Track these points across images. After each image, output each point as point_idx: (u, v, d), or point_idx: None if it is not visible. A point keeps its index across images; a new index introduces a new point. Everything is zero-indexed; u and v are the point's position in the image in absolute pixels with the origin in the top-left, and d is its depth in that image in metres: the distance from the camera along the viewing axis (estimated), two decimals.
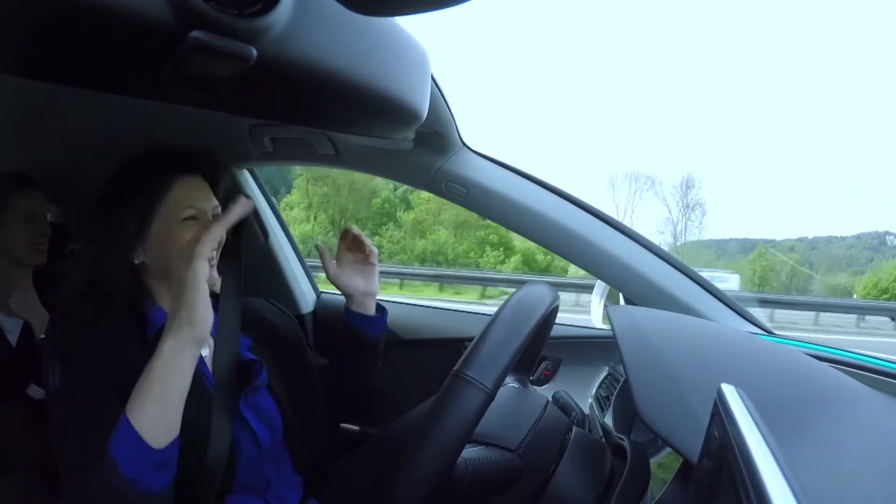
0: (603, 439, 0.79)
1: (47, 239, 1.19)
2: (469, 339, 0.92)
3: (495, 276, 13.74)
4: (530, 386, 0.86)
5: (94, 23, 0.33)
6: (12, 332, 1.16)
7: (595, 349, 1.16)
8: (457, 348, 1.23)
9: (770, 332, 0.98)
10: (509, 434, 0.67)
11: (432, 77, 0.68)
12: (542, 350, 0.87)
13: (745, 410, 0.35)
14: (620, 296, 1.06)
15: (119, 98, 0.45)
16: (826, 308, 11.26)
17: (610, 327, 0.64)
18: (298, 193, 22.27)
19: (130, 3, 0.33)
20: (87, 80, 0.41)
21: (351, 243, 0.90)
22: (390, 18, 0.52)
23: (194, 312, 0.61)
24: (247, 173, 1.39)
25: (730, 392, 0.38)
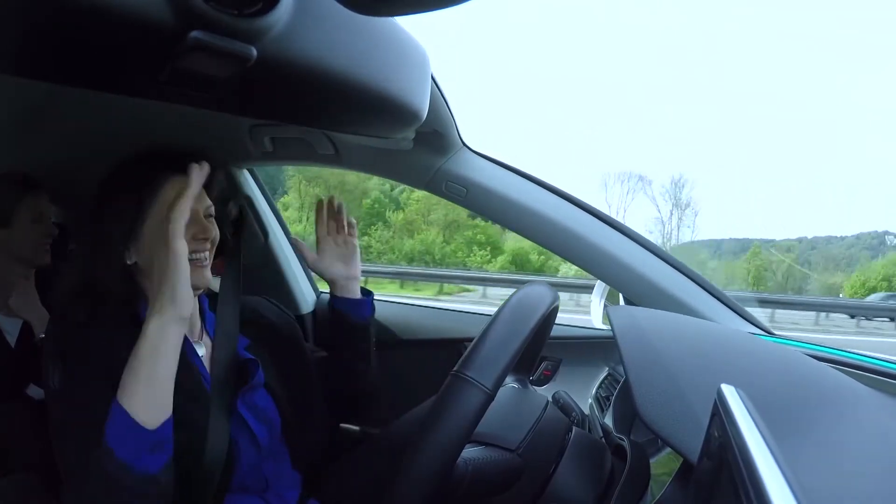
0: (603, 439, 0.79)
1: (52, 239, 1.19)
2: (469, 340, 0.92)
3: (496, 277, 13.72)
4: (530, 386, 0.86)
5: (94, 23, 0.33)
6: (11, 333, 1.16)
7: (595, 349, 1.16)
8: (457, 348, 1.23)
9: (770, 333, 0.98)
10: (509, 434, 0.67)
11: (432, 77, 0.68)
12: (542, 350, 0.87)
13: (745, 411, 0.35)
14: (620, 296, 1.06)
15: (119, 98, 0.45)
16: (826, 308, 11.24)
17: (610, 327, 0.64)
18: (294, 194, 22.34)
19: (130, 3, 0.33)
20: (87, 80, 0.41)
21: (328, 220, 0.91)
22: (390, 18, 0.52)
23: (177, 291, 0.62)
24: (247, 173, 1.39)
25: (730, 392, 0.38)
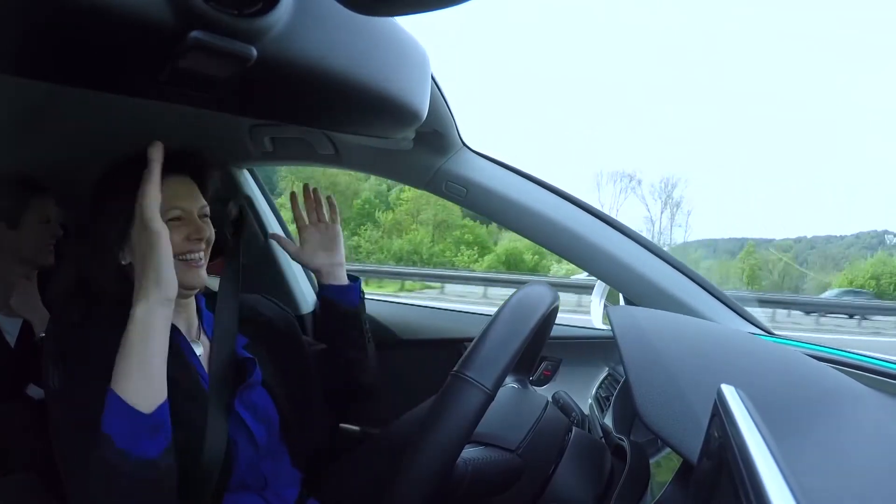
0: (603, 440, 0.79)
1: (56, 240, 1.20)
2: (469, 340, 0.92)
3: (496, 277, 13.72)
4: (530, 386, 0.86)
5: (94, 23, 0.33)
6: (11, 333, 1.16)
7: (595, 349, 1.16)
8: (457, 348, 1.23)
9: (770, 333, 0.98)
10: (509, 434, 0.67)
11: (432, 77, 0.68)
12: (542, 350, 0.87)
13: (745, 411, 0.35)
14: (620, 296, 1.06)
15: (119, 98, 0.45)
16: (827, 308, 11.21)
17: (610, 327, 0.64)
18: (287, 196, 22.67)
19: (130, 3, 0.33)
20: (87, 80, 0.41)
21: (308, 210, 0.92)
22: (390, 18, 0.52)
23: (160, 272, 0.62)
24: (247, 173, 1.39)
25: (730, 392, 0.38)
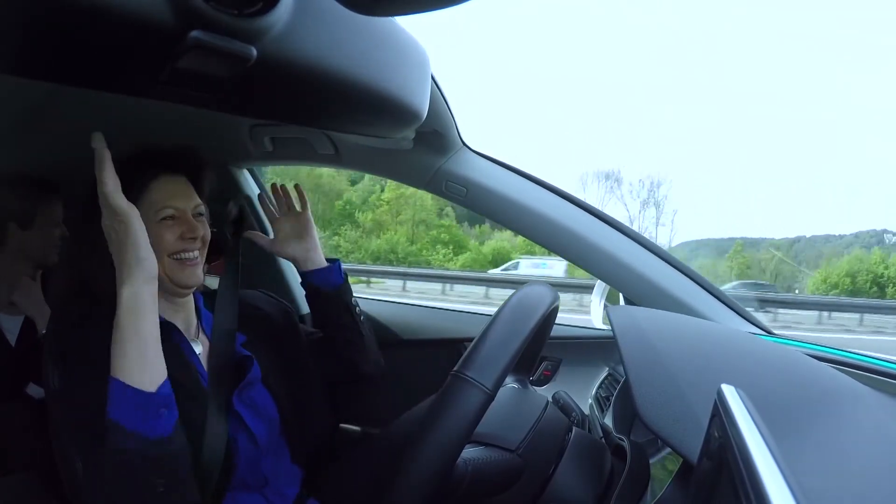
0: (603, 440, 0.79)
1: (62, 240, 1.21)
2: (469, 340, 0.91)
3: (496, 277, 13.72)
4: (530, 386, 0.86)
5: (94, 23, 0.33)
6: (12, 332, 1.16)
7: (595, 349, 1.16)
8: (457, 348, 1.23)
9: (770, 332, 0.98)
10: (509, 434, 0.67)
11: (432, 77, 0.68)
12: (542, 350, 0.87)
13: (745, 411, 0.35)
14: (620, 296, 1.06)
15: (119, 98, 0.45)
16: (826, 307, 11.18)
17: (610, 327, 0.64)
18: None
19: (130, 3, 0.33)
20: (87, 80, 0.41)
21: (278, 204, 0.93)
22: (390, 18, 0.52)
23: (139, 251, 0.63)
24: (247, 173, 1.39)
25: (730, 392, 0.38)
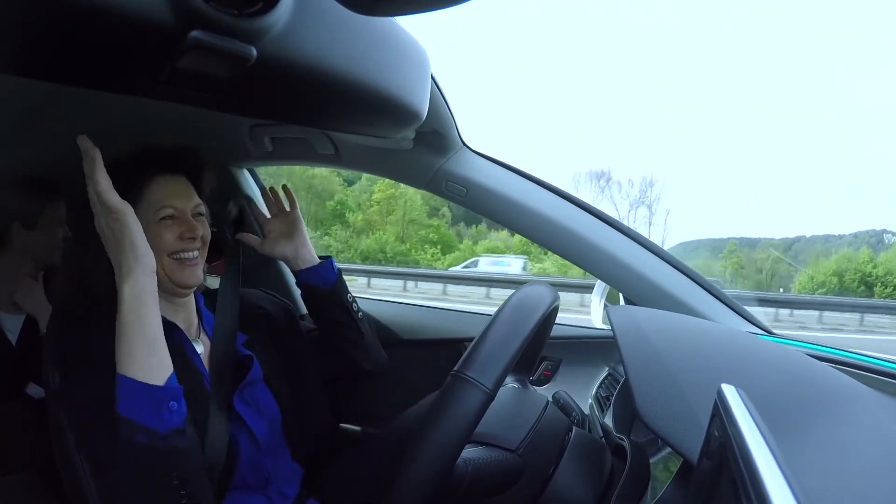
0: (603, 439, 0.79)
1: (65, 240, 1.22)
2: (469, 340, 0.91)
3: (497, 277, 13.72)
4: (530, 386, 0.86)
5: (94, 23, 0.33)
6: (12, 331, 1.16)
7: (595, 349, 1.16)
8: (457, 348, 1.23)
9: (770, 332, 0.98)
10: (509, 434, 0.67)
11: (432, 77, 0.68)
12: (542, 350, 0.87)
13: (745, 410, 0.35)
14: (620, 296, 1.06)
15: (119, 98, 0.45)
16: (827, 307, 11.15)
17: (610, 327, 0.64)
18: None
19: (130, 3, 0.33)
20: (87, 80, 0.41)
21: (268, 204, 0.94)
22: (390, 18, 0.52)
23: (136, 247, 0.63)
24: (247, 173, 1.39)
25: (730, 392, 0.38)
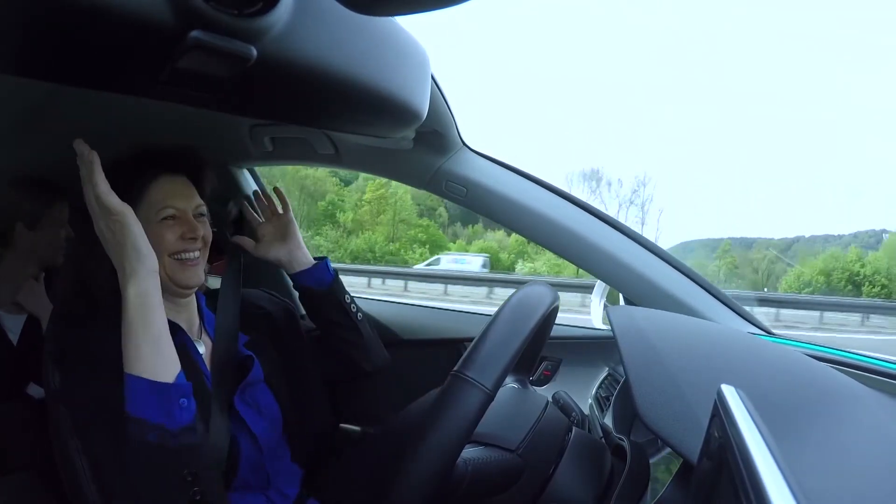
0: (603, 440, 0.79)
1: (68, 241, 1.22)
2: (469, 340, 0.91)
3: (499, 277, 13.73)
4: (530, 386, 0.86)
5: (94, 23, 0.33)
6: (14, 331, 1.16)
7: (595, 349, 1.16)
8: (457, 348, 1.23)
9: (770, 333, 0.98)
10: (509, 434, 0.67)
11: (432, 77, 0.68)
12: (542, 350, 0.87)
13: (745, 411, 0.35)
14: (620, 296, 1.06)
15: (119, 98, 0.45)
16: (827, 307, 11.13)
17: (610, 327, 0.64)
18: None
19: (130, 3, 0.33)
20: (87, 80, 0.41)
21: (261, 208, 0.93)
22: (390, 18, 0.52)
23: (138, 247, 0.63)
24: (247, 173, 1.39)
25: (730, 392, 0.38)
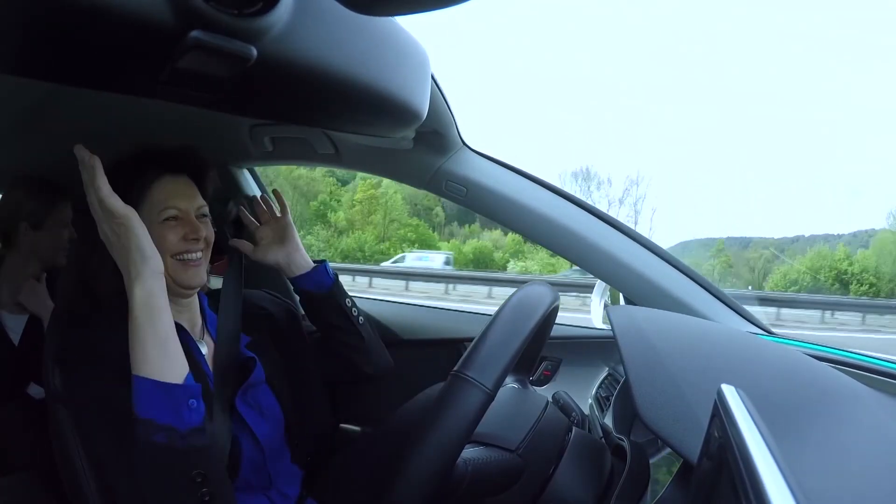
0: (603, 439, 0.79)
1: (71, 242, 1.22)
2: (469, 340, 0.91)
3: (502, 277, 13.76)
4: (530, 386, 0.86)
5: (94, 23, 0.33)
6: (15, 330, 1.16)
7: (595, 349, 1.16)
8: (457, 348, 1.23)
9: (770, 332, 0.98)
10: (509, 434, 0.67)
11: (432, 77, 0.68)
12: (542, 350, 0.87)
13: (745, 411, 0.35)
14: (620, 296, 1.06)
15: (119, 98, 0.45)
16: (828, 306, 11.12)
17: (610, 327, 0.64)
18: None
19: (130, 3, 0.33)
20: (87, 80, 0.41)
21: (259, 211, 0.91)
22: (390, 18, 0.52)
23: (143, 249, 0.63)
24: (247, 173, 1.40)
25: (730, 392, 0.38)
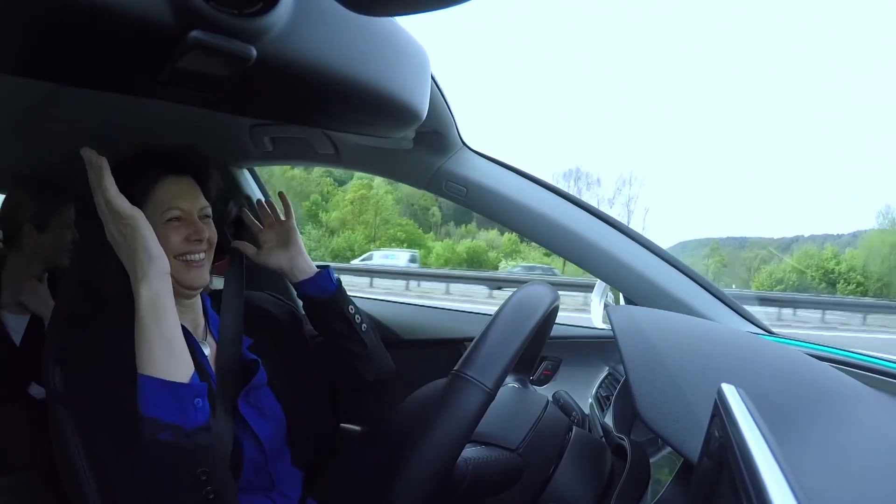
0: (603, 439, 0.79)
1: (73, 243, 1.23)
2: (469, 339, 0.91)
3: (503, 277, 13.77)
4: (530, 386, 0.86)
5: (94, 23, 0.33)
6: (16, 331, 1.16)
7: (595, 349, 1.16)
8: (457, 348, 1.23)
9: (770, 332, 0.98)
10: (509, 434, 0.67)
11: (432, 77, 0.68)
12: (542, 350, 0.87)
13: (746, 410, 0.35)
14: (620, 296, 1.06)
15: (119, 98, 0.45)
16: (828, 306, 11.12)
17: (610, 327, 0.64)
18: None
19: (130, 3, 0.33)
20: (87, 80, 0.41)
21: (263, 214, 0.91)
22: (390, 18, 0.52)
23: (149, 250, 0.63)
24: (247, 173, 1.40)
25: (730, 392, 0.38)
